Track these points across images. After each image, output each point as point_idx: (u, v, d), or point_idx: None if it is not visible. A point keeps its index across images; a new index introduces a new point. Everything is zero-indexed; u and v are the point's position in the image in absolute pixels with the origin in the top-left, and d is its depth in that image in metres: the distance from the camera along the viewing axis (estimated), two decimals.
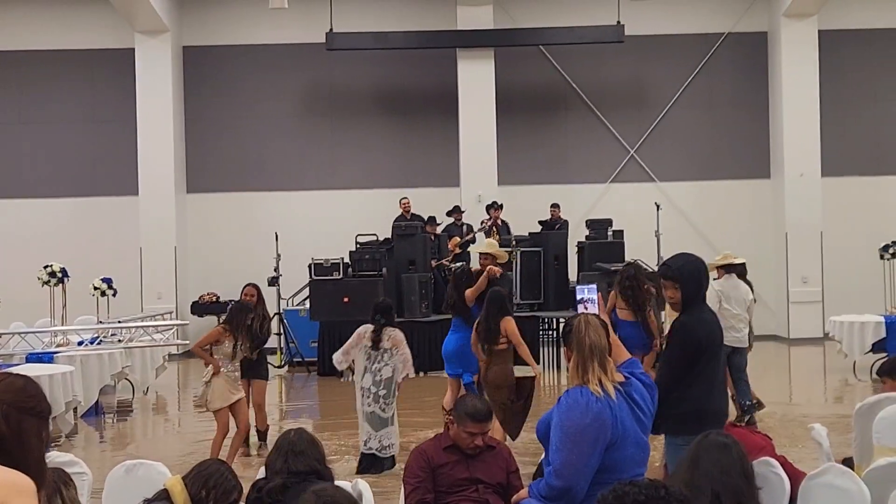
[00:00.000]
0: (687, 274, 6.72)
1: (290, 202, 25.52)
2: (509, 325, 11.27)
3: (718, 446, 4.82)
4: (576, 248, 22.27)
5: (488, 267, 12.50)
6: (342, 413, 15.24)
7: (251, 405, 12.89)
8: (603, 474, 5.38)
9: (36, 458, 3.68)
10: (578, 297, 7.08)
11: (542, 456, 5.65)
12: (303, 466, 5.73)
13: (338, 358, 11.68)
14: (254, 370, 12.79)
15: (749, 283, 14.45)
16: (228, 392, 11.47)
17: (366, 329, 11.58)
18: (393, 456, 11.43)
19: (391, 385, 11.45)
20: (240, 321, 11.62)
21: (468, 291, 12.31)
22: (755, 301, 14.61)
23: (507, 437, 11.13)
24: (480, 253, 13.16)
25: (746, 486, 4.69)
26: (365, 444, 11.40)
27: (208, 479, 5.79)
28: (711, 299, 13.36)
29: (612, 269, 20.11)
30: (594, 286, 7.22)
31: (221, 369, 11.45)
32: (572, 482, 5.39)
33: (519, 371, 11.41)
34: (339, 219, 24.56)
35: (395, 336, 11.55)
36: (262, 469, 6.10)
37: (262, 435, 13.20)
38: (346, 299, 20.10)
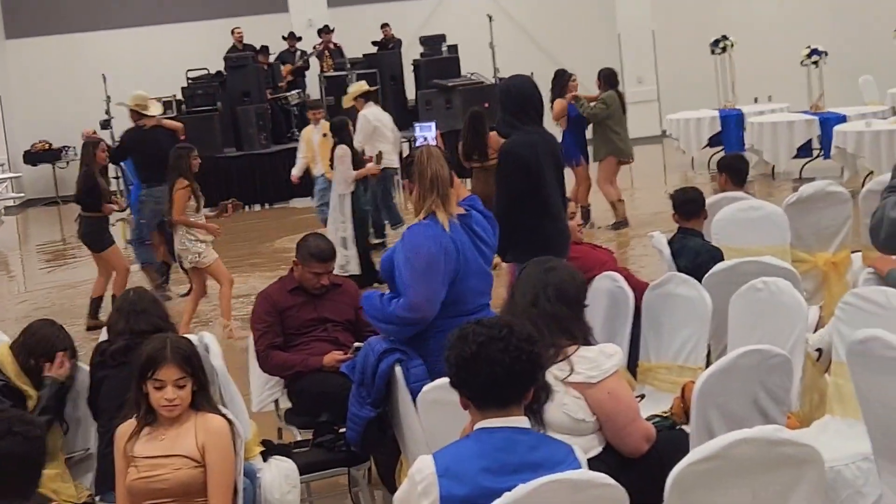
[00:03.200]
0: (504, 92, 6.58)
1: (116, 40, 24.50)
2: None
3: (536, 274, 4.70)
4: (412, 67, 22.05)
5: None
6: None
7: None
8: (448, 307, 5.36)
9: None
10: (417, 135, 6.99)
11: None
12: (145, 325, 5.59)
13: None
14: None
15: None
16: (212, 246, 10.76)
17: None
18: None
19: None
20: (186, 166, 10.64)
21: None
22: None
23: None
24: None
25: (566, 309, 4.61)
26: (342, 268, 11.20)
27: (35, 346, 5.65)
28: (366, 129, 13.42)
29: (450, 84, 20.07)
30: (432, 124, 7.15)
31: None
32: (427, 313, 5.36)
33: None
34: (168, 55, 23.63)
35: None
36: (104, 332, 5.97)
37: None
38: (182, 137, 19.61)
